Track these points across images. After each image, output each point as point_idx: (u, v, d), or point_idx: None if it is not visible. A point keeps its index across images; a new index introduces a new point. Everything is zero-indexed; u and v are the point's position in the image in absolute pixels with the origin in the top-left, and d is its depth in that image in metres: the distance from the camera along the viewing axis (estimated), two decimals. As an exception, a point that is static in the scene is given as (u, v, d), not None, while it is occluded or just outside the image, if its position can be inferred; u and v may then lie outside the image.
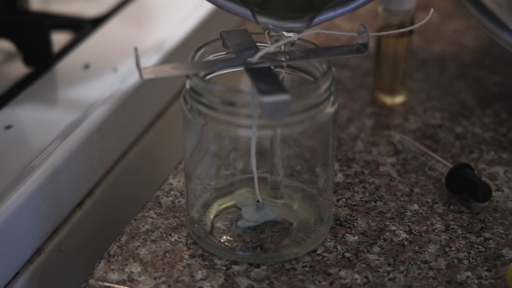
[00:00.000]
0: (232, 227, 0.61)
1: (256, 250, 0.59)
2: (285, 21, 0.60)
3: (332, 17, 0.63)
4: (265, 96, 0.53)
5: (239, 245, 0.60)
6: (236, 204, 0.62)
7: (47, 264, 0.66)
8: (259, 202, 0.60)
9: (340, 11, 0.63)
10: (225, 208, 0.63)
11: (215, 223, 0.61)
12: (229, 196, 0.63)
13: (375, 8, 0.78)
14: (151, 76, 0.56)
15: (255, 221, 0.60)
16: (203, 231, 0.60)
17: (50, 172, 0.66)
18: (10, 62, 0.82)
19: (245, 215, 0.60)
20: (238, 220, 0.61)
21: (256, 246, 0.60)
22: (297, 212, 0.62)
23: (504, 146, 0.72)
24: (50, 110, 0.74)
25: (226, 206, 0.63)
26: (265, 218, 0.60)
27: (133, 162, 0.78)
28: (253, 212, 0.60)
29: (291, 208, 0.62)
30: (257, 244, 0.60)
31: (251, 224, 0.60)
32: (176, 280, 0.58)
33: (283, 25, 0.60)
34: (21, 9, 0.88)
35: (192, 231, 0.61)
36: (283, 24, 0.60)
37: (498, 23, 0.72)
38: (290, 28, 0.60)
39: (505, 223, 0.64)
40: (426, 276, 0.58)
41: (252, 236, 0.60)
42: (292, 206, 0.62)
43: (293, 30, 0.60)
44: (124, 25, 0.89)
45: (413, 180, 0.68)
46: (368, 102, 0.78)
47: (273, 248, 0.59)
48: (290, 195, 0.63)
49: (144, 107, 0.79)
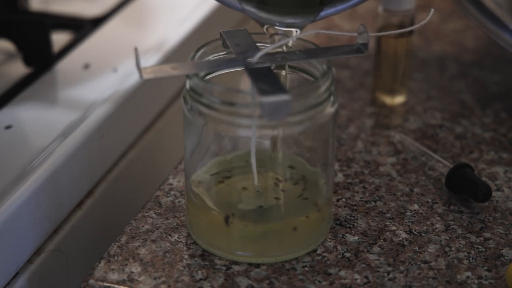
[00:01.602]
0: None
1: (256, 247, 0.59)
2: (286, 16, 0.60)
3: (332, 14, 0.63)
4: (265, 96, 0.53)
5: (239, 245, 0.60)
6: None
7: (47, 264, 0.66)
8: (258, 192, 0.60)
9: (340, 7, 0.63)
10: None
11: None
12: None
13: (375, 8, 0.78)
14: (151, 76, 0.56)
15: (253, 205, 0.60)
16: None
17: (50, 172, 0.66)
18: (10, 62, 0.82)
19: (244, 200, 0.60)
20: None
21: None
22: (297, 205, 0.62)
23: (504, 146, 0.72)
24: (50, 110, 0.74)
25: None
26: (264, 203, 0.60)
27: (133, 162, 0.78)
28: (253, 197, 0.60)
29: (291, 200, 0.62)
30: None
31: (249, 208, 0.60)
32: (176, 280, 0.58)
33: (283, 20, 0.60)
34: (21, 9, 0.88)
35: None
36: (283, 19, 0.60)
37: (498, 23, 0.72)
38: (290, 24, 0.60)
39: (505, 223, 0.64)
40: (426, 276, 0.58)
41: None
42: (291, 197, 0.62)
43: (293, 26, 0.60)
44: (124, 25, 0.89)
45: (413, 180, 0.68)
46: (368, 102, 0.78)
47: (273, 248, 0.59)
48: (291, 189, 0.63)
49: (144, 107, 0.79)
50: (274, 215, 0.60)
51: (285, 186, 0.62)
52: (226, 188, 0.62)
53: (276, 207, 0.61)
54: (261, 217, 0.60)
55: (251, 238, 0.59)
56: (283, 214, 0.61)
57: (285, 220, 0.60)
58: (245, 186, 0.61)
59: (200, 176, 0.61)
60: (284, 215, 0.61)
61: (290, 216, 0.60)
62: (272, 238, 0.59)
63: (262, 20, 0.60)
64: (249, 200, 0.60)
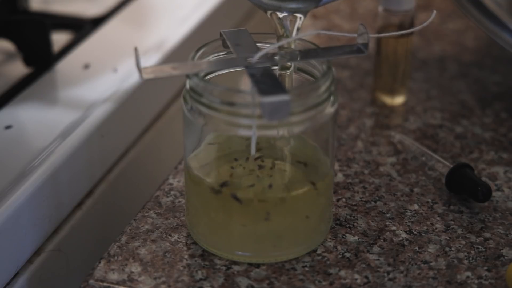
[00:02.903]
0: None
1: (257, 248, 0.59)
2: (289, 1, 0.59)
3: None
4: (265, 96, 0.53)
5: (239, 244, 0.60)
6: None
7: (47, 264, 0.66)
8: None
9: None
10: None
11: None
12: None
13: (375, 8, 0.78)
14: (151, 76, 0.56)
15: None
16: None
17: (50, 172, 0.66)
18: (10, 62, 0.82)
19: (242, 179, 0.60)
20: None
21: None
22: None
23: (504, 146, 0.72)
24: (50, 110, 0.74)
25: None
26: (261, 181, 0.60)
27: (133, 162, 0.78)
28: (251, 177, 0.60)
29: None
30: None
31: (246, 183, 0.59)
32: (176, 280, 0.58)
33: (287, 6, 0.59)
34: (21, 9, 0.88)
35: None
36: (286, 5, 0.59)
37: (498, 23, 0.72)
38: (294, 9, 0.59)
39: (505, 223, 0.64)
40: (426, 276, 0.58)
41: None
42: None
43: (297, 11, 0.59)
44: (124, 25, 0.89)
45: (413, 180, 0.68)
46: (368, 102, 0.78)
47: (273, 248, 0.59)
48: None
49: (144, 107, 0.79)
50: (272, 189, 0.60)
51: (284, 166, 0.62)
52: (224, 166, 0.61)
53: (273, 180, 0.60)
54: (257, 191, 0.59)
55: (251, 238, 0.59)
56: (279, 185, 0.60)
57: (286, 191, 0.59)
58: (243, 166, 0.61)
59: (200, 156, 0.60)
60: (282, 188, 0.60)
61: (289, 190, 0.59)
62: (272, 237, 0.59)
63: (265, 6, 0.60)
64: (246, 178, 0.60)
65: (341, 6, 0.96)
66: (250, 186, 0.59)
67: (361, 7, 0.96)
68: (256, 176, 0.60)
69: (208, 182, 0.59)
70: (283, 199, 0.58)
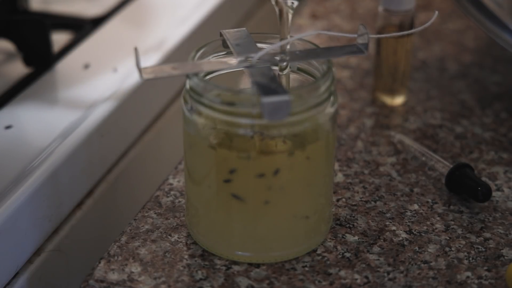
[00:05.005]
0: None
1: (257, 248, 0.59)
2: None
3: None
4: (265, 96, 0.53)
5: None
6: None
7: (47, 264, 0.66)
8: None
9: None
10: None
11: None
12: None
13: (375, 8, 0.78)
14: (151, 76, 0.56)
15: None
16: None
17: (50, 172, 0.66)
18: (10, 62, 0.82)
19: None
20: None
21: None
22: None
23: (504, 146, 0.72)
24: (50, 110, 0.74)
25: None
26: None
27: (133, 162, 0.78)
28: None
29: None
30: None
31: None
32: (176, 280, 0.58)
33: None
34: (21, 9, 0.88)
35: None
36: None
37: (498, 23, 0.72)
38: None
39: (505, 223, 0.64)
40: (426, 276, 0.59)
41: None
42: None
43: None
44: (124, 25, 0.89)
45: (413, 180, 0.68)
46: (368, 102, 0.78)
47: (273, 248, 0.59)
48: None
49: (144, 107, 0.79)
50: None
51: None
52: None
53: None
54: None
55: (251, 238, 0.59)
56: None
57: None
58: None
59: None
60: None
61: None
62: (272, 237, 0.59)
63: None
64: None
65: (341, 6, 0.96)
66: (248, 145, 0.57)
67: (361, 7, 0.96)
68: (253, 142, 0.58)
69: (209, 141, 0.58)
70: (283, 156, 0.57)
